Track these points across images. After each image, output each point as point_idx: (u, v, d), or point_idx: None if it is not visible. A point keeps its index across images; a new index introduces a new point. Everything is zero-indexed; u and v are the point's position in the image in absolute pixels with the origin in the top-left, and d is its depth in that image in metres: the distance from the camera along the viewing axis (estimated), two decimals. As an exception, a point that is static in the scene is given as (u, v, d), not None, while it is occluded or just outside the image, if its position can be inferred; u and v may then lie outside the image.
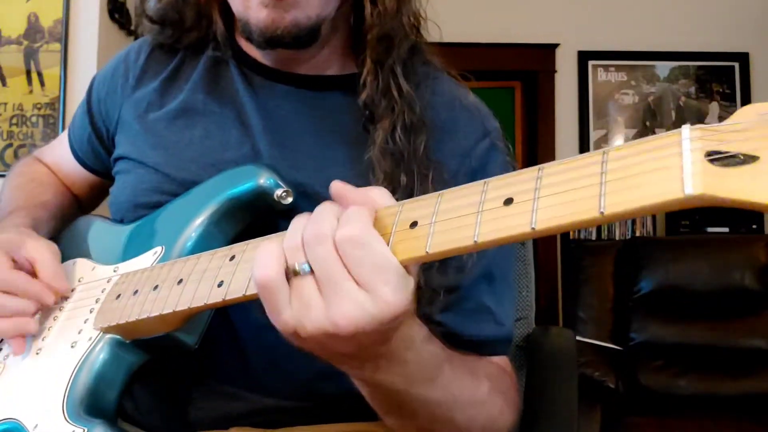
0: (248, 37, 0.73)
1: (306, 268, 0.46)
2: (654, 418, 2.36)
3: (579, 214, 0.39)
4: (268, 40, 0.72)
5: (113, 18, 2.18)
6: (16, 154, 2.04)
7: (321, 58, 0.79)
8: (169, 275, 0.62)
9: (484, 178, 0.45)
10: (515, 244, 1.02)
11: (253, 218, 0.72)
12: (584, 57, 3.67)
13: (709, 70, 3.66)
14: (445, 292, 0.70)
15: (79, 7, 2.08)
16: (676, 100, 3.67)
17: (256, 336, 0.71)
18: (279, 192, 0.69)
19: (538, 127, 3.69)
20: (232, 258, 0.57)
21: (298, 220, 0.49)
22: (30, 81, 2.06)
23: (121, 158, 0.81)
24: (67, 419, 0.62)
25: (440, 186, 0.48)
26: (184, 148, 0.77)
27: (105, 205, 0.88)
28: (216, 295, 0.55)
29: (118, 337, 0.66)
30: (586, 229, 3.50)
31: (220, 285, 0.55)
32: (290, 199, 0.69)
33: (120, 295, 0.67)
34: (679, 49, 3.64)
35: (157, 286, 0.62)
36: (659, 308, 2.70)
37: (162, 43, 0.84)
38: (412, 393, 0.56)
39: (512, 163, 0.80)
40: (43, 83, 2.05)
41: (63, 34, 2.05)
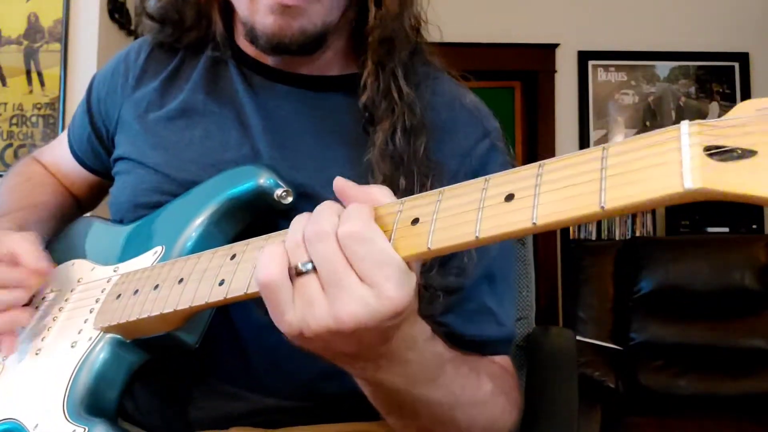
0: (252, 41, 0.73)
1: (308, 266, 0.46)
2: (654, 418, 2.36)
3: (580, 209, 0.39)
4: (275, 47, 0.72)
5: (113, 18, 2.18)
6: (16, 154, 2.05)
7: (323, 60, 0.78)
8: (170, 274, 0.62)
9: None
10: (515, 244, 1.02)
11: (253, 218, 0.71)
12: (584, 57, 3.67)
13: (709, 70, 3.66)
14: (447, 294, 0.70)
15: (79, 7, 2.08)
16: (676, 100, 3.67)
17: (257, 336, 0.71)
18: (279, 192, 0.69)
19: (538, 127, 3.69)
20: (233, 257, 0.57)
21: (298, 219, 0.49)
22: (30, 81, 2.06)
23: (121, 159, 0.81)
24: (68, 419, 0.62)
25: (440, 187, 0.48)
26: (184, 149, 0.77)
27: (105, 206, 0.88)
28: (217, 294, 0.55)
29: (119, 336, 0.66)
30: (587, 228, 3.50)
31: (222, 284, 0.55)
32: (290, 199, 0.69)
33: (120, 295, 0.67)
34: (679, 49, 3.64)
35: (157, 286, 0.62)
36: (659, 308, 2.70)
37: (162, 43, 0.84)
38: (414, 393, 0.56)
39: (512, 163, 0.80)
40: (43, 83, 2.06)
41: (63, 34, 2.05)
